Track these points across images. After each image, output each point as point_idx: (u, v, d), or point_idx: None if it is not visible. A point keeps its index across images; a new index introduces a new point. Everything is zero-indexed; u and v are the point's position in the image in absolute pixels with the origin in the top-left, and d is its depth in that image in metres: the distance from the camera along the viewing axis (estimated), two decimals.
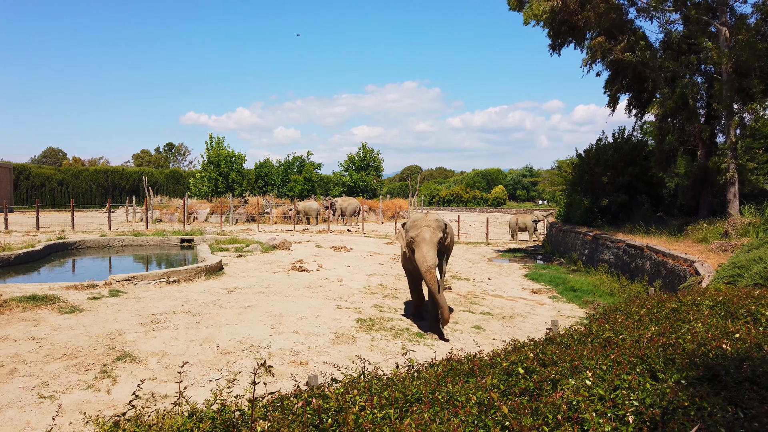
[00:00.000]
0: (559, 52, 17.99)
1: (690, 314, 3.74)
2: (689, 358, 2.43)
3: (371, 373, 2.60)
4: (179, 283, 10.00)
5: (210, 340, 7.23)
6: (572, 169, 22.31)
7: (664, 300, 4.46)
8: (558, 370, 2.43)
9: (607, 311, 4.60)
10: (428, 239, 7.66)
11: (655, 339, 2.86)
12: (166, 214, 30.51)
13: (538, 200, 73.41)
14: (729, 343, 2.74)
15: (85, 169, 58.07)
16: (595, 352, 2.68)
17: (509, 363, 2.60)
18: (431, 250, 7.65)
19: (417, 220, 8.03)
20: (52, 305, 7.96)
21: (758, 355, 2.51)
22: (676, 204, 18.09)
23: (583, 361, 2.52)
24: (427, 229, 7.77)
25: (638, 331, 3.22)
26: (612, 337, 3.14)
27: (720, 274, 6.55)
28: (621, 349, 2.64)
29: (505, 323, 9.95)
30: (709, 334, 2.98)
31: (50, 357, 6.29)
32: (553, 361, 2.62)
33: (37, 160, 79.15)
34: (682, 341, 2.81)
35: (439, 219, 8.13)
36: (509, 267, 17.93)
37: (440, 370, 2.67)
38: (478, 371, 2.54)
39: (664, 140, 16.45)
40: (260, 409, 2.25)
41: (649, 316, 3.86)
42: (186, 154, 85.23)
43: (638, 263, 13.03)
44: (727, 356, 2.46)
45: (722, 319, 3.56)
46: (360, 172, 40.65)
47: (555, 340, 3.38)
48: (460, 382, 2.32)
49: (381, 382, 2.38)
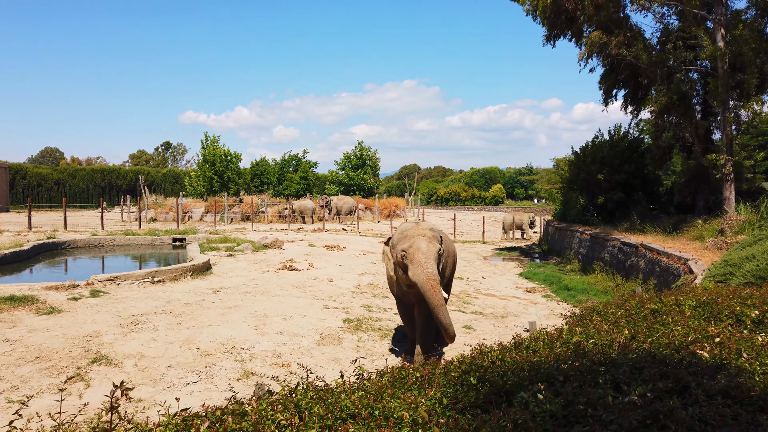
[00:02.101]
0: (554, 44, 17.78)
1: (670, 316, 3.55)
2: (659, 367, 2.23)
3: (311, 384, 2.42)
4: (164, 283, 9.82)
5: (190, 342, 7.05)
6: (568, 167, 22.14)
7: (645, 301, 4.25)
8: (514, 380, 2.25)
9: (584, 313, 4.39)
10: (425, 249, 5.89)
11: (625, 344, 2.67)
12: (161, 213, 30.32)
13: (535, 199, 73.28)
14: (708, 348, 2.54)
15: (81, 169, 57.84)
16: (557, 359, 2.49)
17: (460, 373, 2.42)
18: (430, 260, 5.84)
19: (407, 230, 6.24)
20: (30, 306, 7.78)
21: (736, 363, 2.34)
22: (673, 202, 17.91)
23: (543, 369, 2.34)
24: (422, 238, 6.02)
25: (611, 334, 3.04)
26: (581, 341, 2.95)
27: (711, 272, 6.38)
28: (586, 356, 2.45)
29: (497, 323, 9.78)
30: (689, 338, 2.79)
31: (23, 360, 6.12)
32: (512, 368, 2.43)
33: (34, 159, 78.89)
34: (656, 346, 2.63)
35: (434, 228, 6.35)
36: (504, 266, 17.75)
37: (386, 380, 2.48)
38: (427, 381, 2.36)
39: (660, 137, 16.27)
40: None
41: (626, 318, 3.67)
42: (184, 154, 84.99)
43: (633, 261, 12.86)
44: (702, 364, 2.27)
45: (705, 321, 3.36)
46: (356, 171, 40.44)
47: (522, 345, 3.19)
48: (403, 395, 2.14)
49: (317, 394, 2.20)
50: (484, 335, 8.74)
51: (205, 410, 2.05)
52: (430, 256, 5.85)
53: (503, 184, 77.45)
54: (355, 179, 39.90)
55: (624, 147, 18.81)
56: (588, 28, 16.59)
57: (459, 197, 71.33)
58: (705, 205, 15.61)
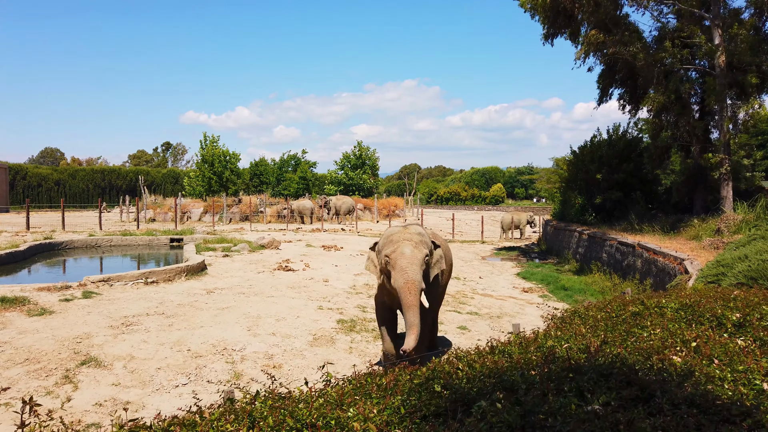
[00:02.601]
0: (552, 42, 17.73)
1: (650, 319, 3.48)
2: (627, 374, 2.15)
3: (272, 392, 2.37)
4: (158, 284, 9.79)
5: (181, 343, 7.02)
6: (567, 166, 22.08)
7: (627, 303, 4.19)
8: (479, 387, 2.18)
9: (565, 315, 4.33)
10: (408, 255, 5.45)
11: (597, 349, 2.61)
12: (160, 213, 30.29)
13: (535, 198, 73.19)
14: (683, 353, 2.49)
15: (81, 169, 57.87)
16: (527, 365, 2.43)
17: (423, 380, 2.33)
18: (413, 265, 5.42)
19: (393, 235, 5.80)
20: (21, 307, 7.75)
21: (707, 369, 2.27)
22: (671, 201, 17.85)
23: (507, 376, 2.28)
24: (407, 243, 5.57)
25: (587, 338, 2.97)
26: (556, 346, 2.89)
27: (704, 272, 6.32)
28: (556, 362, 2.39)
29: (492, 323, 9.73)
30: (666, 342, 2.73)
31: (11, 362, 6.08)
32: (479, 375, 2.37)
33: (35, 160, 78.93)
34: (630, 351, 2.56)
35: (423, 233, 5.87)
36: (502, 265, 17.70)
37: (350, 387, 2.41)
38: (391, 388, 2.29)
39: (658, 136, 16.22)
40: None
41: (606, 321, 3.60)
42: (184, 154, 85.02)
43: (630, 261, 12.81)
44: (672, 371, 2.19)
45: (685, 324, 3.30)
46: (356, 171, 40.40)
47: (497, 349, 3.13)
48: (361, 403, 2.07)
49: (276, 403, 2.15)
50: (479, 336, 8.70)
51: (153, 420, 2.00)
52: (414, 262, 5.41)
53: (503, 183, 77.39)
54: (354, 179, 39.84)
55: (622, 146, 18.76)
56: (586, 26, 16.55)
57: (459, 197, 71.27)
58: (703, 204, 15.55)
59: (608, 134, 19.87)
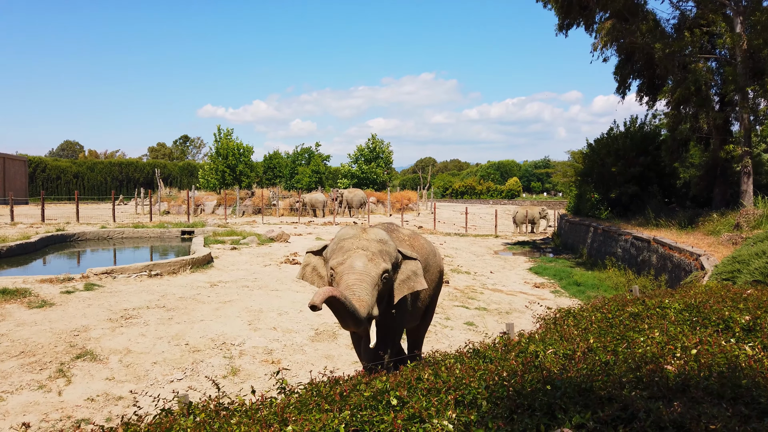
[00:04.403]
0: (566, 33, 17.28)
1: (650, 321, 3.20)
2: (608, 389, 1.89)
3: (211, 402, 2.19)
4: (162, 277, 9.72)
5: (179, 337, 6.92)
6: (583, 159, 21.68)
7: (627, 302, 3.92)
8: (438, 402, 1.96)
9: (557, 316, 4.06)
10: (360, 269, 3.92)
11: (582, 357, 2.36)
12: (174, 206, 30.43)
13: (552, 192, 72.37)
14: (681, 361, 2.23)
15: (99, 162, 58.54)
16: (500, 375, 2.19)
17: (373, 392, 2.08)
18: (363, 283, 3.87)
19: (346, 239, 4.23)
20: (22, 299, 7.71)
21: (702, 384, 1.97)
22: (689, 195, 17.39)
23: (468, 389, 2.05)
24: (362, 253, 4.03)
25: (575, 343, 2.72)
26: (539, 351, 2.64)
27: (719, 269, 6.03)
28: (534, 371, 2.15)
29: (501, 319, 9.52)
30: (666, 348, 2.47)
31: (6, 354, 6.02)
32: (441, 387, 2.13)
33: (54, 153, 79.98)
34: (622, 358, 2.31)
35: (387, 240, 4.25)
36: (514, 260, 17.41)
37: (294, 399, 2.20)
38: (340, 401, 2.09)
39: (677, 128, 15.76)
40: None
41: (600, 323, 3.33)
42: (201, 147, 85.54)
43: (645, 257, 12.47)
44: (663, 384, 1.93)
45: (689, 327, 3.03)
46: (369, 164, 40.18)
47: (479, 353, 2.90)
48: (303, 419, 1.89)
49: (208, 416, 1.97)
50: (487, 332, 8.49)
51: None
52: (365, 279, 3.88)
53: (519, 177, 76.63)
54: (368, 173, 39.65)
55: (639, 139, 18.32)
56: (601, 15, 16.11)
57: (474, 191, 70.66)
58: (722, 198, 15.09)
59: (625, 127, 19.43)
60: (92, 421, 4.85)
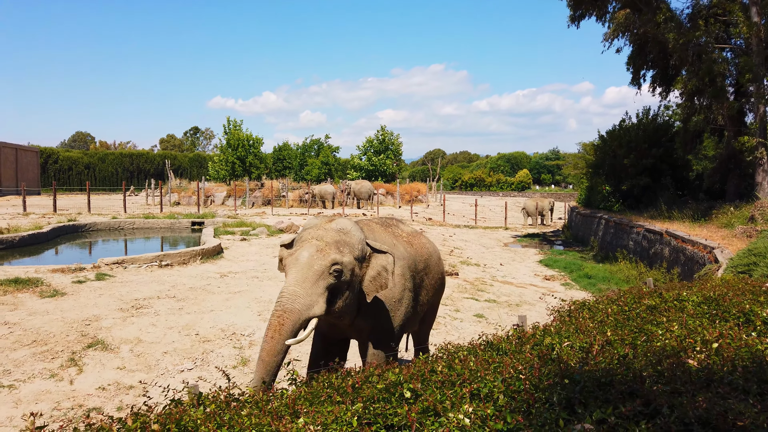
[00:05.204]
0: (578, 24, 17.06)
1: (668, 314, 3.14)
2: (629, 383, 1.83)
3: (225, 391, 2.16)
4: (172, 267, 9.75)
5: (190, 328, 6.93)
6: (594, 151, 21.50)
7: (643, 295, 3.85)
8: (452, 395, 1.93)
9: (572, 308, 3.99)
10: (304, 262, 3.48)
11: (600, 350, 2.31)
12: (185, 197, 30.55)
13: (563, 184, 71.93)
14: (702, 355, 2.17)
15: (111, 153, 58.90)
16: (515, 368, 2.14)
17: (386, 385, 2.04)
18: (306, 282, 3.41)
19: (306, 230, 3.84)
20: (34, 289, 7.77)
21: (727, 379, 1.91)
22: (702, 187, 17.18)
23: (483, 382, 2.01)
24: (314, 244, 3.59)
25: (592, 336, 2.67)
26: (554, 344, 2.59)
27: (734, 262, 5.94)
28: (551, 364, 2.10)
29: (510, 311, 9.47)
30: (686, 341, 2.41)
31: (19, 343, 6.07)
32: (456, 380, 2.09)
33: (66, 144, 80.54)
34: (641, 352, 2.26)
35: (350, 231, 3.81)
36: (524, 252, 17.33)
37: (304, 390, 2.16)
38: (352, 393, 2.05)
39: (690, 120, 15.56)
40: None
41: (617, 316, 3.26)
42: (211, 139, 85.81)
43: (657, 249, 12.35)
44: (685, 379, 1.90)
45: (708, 321, 2.97)
46: (379, 156, 40.08)
47: (492, 345, 2.85)
48: (314, 411, 1.85)
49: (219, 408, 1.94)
50: (496, 325, 8.45)
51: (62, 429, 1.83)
52: (308, 276, 3.40)
53: (529, 169, 76.19)
54: (377, 164, 39.57)
55: (652, 131, 18.10)
56: (614, 5, 15.88)
57: (484, 183, 70.38)
58: (736, 190, 14.90)
59: (638, 118, 19.21)
60: (103, 410, 4.88)
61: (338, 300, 3.57)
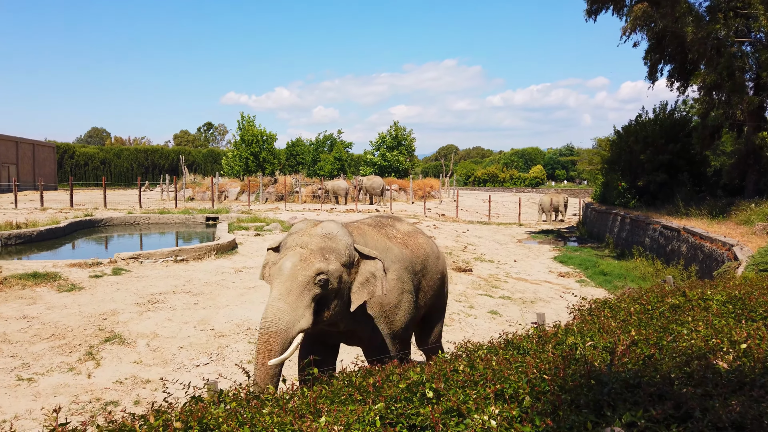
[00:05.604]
0: (595, 18, 16.85)
1: (693, 313, 3.07)
2: (658, 385, 1.78)
3: (245, 388, 2.15)
4: (187, 262, 9.82)
5: (205, 322, 6.97)
6: (610, 147, 21.28)
7: (666, 294, 3.78)
8: (476, 395, 1.90)
9: (593, 307, 3.93)
10: (287, 274, 3.30)
11: (625, 350, 2.26)
12: (199, 192, 30.74)
13: (577, 180, 71.34)
14: (731, 355, 2.12)
15: (126, 149, 59.44)
16: (539, 368, 2.10)
17: (408, 384, 2.02)
18: (290, 295, 3.23)
19: (291, 235, 3.63)
20: (52, 283, 7.86)
21: (759, 381, 1.84)
22: (720, 183, 16.94)
23: (507, 382, 1.98)
24: (295, 252, 3.40)
25: (616, 335, 2.61)
26: (577, 343, 2.55)
27: (755, 259, 5.84)
28: (575, 364, 2.06)
29: (525, 308, 9.41)
30: (713, 341, 2.35)
31: (38, 337, 6.14)
32: (478, 380, 2.05)
33: (82, 139, 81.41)
34: (666, 353, 2.21)
35: (337, 236, 3.56)
36: (539, 249, 17.22)
37: (325, 390, 2.12)
38: (374, 392, 2.03)
39: (708, 115, 15.31)
40: None
41: (639, 315, 3.21)
42: (224, 134, 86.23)
43: (674, 246, 12.20)
44: (717, 381, 1.85)
45: (734, 320, 2.90)
46: (392, 152, 40.00)
47: (512, 344, 2.81)
48: (336, 411, 1.83)
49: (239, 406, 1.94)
50: (510, 321, 8.40)
51: (85, 425, 1.83)
52: (293, 289, 3.23)
53: (543, 165, 75.57)
54: (390, 160, 39.50)
55: (669, 126, 17.88)
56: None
57: (497, 178, 69.95)
58: (755, 187, 14.66)
59: (655, 113, 18.97)
60: (121, 404, 4.92)
61: (326, 310, 3.39)
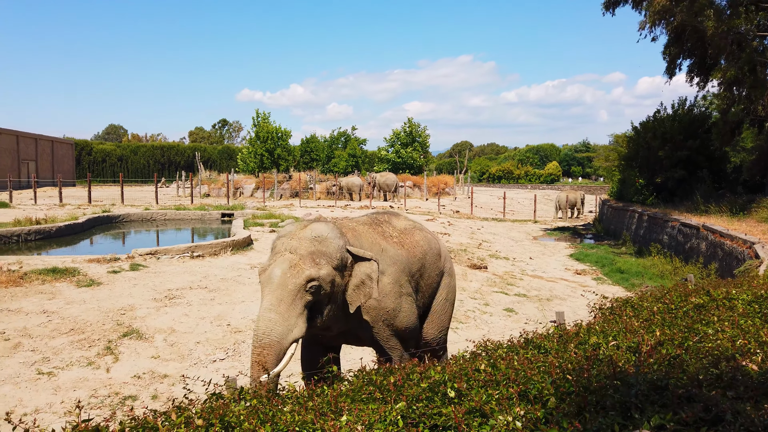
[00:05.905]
0: (614, 12, 16.66)
1: (718, 313, 3.01)
2: (687, 387, 1.73)
3: (265, 386, 2.15)
4: (203, 258, 9.88)
5: (221, 318, 7.02)
6: (627, 143, 21.04)
7: (690, 293, 3.71)
8: (499, 395, 1.88)
9: (615, 305, 3.87)
10: (277, 282, 3.18)
11: (650, 351, 2.21)
12: (214, 188, 30.97)
13: (593, 177, 70.66)
14: (759, 356, 2.07)
15: (143, 145, 60.08)
16: (562, 368, 2.07)
17: (430, 384, 2.00)
18: (280, 305, 3.13)
19: (280, 238, 3.51)
20: (71, 278, 7.95)
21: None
22: (740, 180, 16.66)
23: (531, 383, 1.94)
24: (285, 258, 3.28)
25: (640, 335, 2.56)
26: (600, 343, 2.50)
27: None
28: (599, 365, 2.02)
29: (541, 306, 9.34)
30: (740, 342, 2.30)
31: (57, 331, 6.22)
32: (501, 380, 2.03)
33: (100, 136, 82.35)
34: (692, 354, 2.16)
35: (327, 238, 3.43)
36: (554, 246, 17.09)
37: (345, 388, 2.10)
38: (395, 391, 2.01)
39: (729, 111, 15.06)
40: None
41: (663, 314, 3.15)
42: (239, 131, 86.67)
43: (693, 244, 12.03)
44: (747, 383, 1.79)
45: (760, 320, 2.83)
46: (406, 148, 39.94)
47: (533, 343, 2.77)
48: (357, 410, 1.82)
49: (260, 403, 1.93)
50: (526, 319, 8.34)
51: (107, 422, 1.83)
52: (283, 298, 3.12)
53: (559, 161, 74.94)
54: (404, 157, 39.45)
55: (688, 122, 17.63)
56: None
57: (512, 175, 69.49)
58: None
59: (673, 109, 18.71)
60: (139, 398, 4.97)
61: (319, 316, 3.29)
